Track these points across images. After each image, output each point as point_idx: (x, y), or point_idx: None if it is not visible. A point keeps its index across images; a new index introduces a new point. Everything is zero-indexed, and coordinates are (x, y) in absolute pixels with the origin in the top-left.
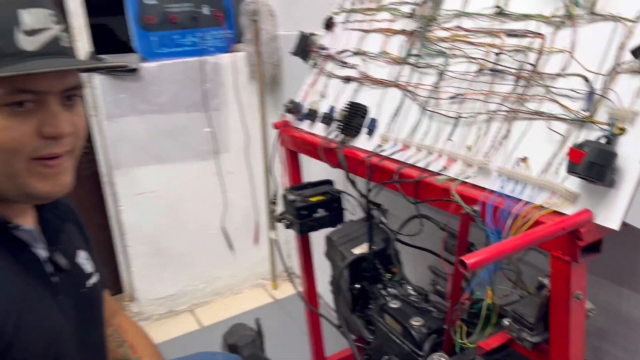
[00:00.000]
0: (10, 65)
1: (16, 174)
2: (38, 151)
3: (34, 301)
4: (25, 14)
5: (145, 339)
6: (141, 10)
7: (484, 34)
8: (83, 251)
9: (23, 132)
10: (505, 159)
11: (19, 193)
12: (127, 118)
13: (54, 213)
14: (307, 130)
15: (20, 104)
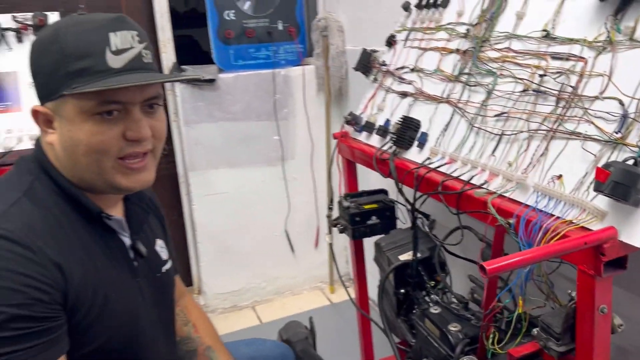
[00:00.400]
0: (101, 81)
1: (105, 171)
2: (122, 152)
3: (119, 281)
4: (114, 36)
5: (206, 320)
6: (221, 25)
7: (531, 55)
8: (160, 240)
9: (111, 136)
10: (541, 175)
11: (107, 186)
12: (203, 124)
13: (139, 206)
14: (363, 141)
15: (109, 113)
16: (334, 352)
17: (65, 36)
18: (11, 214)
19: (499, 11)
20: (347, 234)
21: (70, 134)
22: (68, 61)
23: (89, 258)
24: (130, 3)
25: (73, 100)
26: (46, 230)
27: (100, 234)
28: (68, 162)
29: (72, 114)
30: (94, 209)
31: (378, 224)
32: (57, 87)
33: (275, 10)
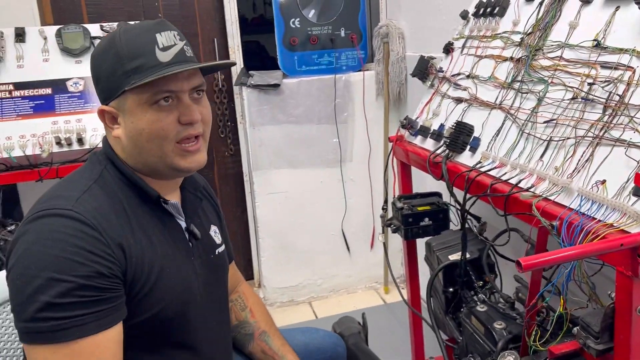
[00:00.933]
0: (157, 72)
1: (166, 154)
2: (179, 135)
3: (175, 257)
4: (159, 36)
5: (261, 306)
6: (287, 33)
7: (582, 64)
8: (215, 226)
9: (168, 122)
10: (586, 180)
11: (168, 169)
12: (267, 126)
13: (194, 194)
14: (418, 144)
15: (165, 100)
16: (385, 349)
17: (120, 42)
18: (84, 199)
19: (553, 21)
20: (399, 234)
21: (133, 125)
22: (124, 62)
23: (147, 236)
24: (204, 12)
25: (132, 95)
26: (112, 213)
27: (159, 216)
28: (133, 151)
29: (133, 106)
30: (153, 193)
31: (430, 226)
32: (118, 85)
33: (339, 18)
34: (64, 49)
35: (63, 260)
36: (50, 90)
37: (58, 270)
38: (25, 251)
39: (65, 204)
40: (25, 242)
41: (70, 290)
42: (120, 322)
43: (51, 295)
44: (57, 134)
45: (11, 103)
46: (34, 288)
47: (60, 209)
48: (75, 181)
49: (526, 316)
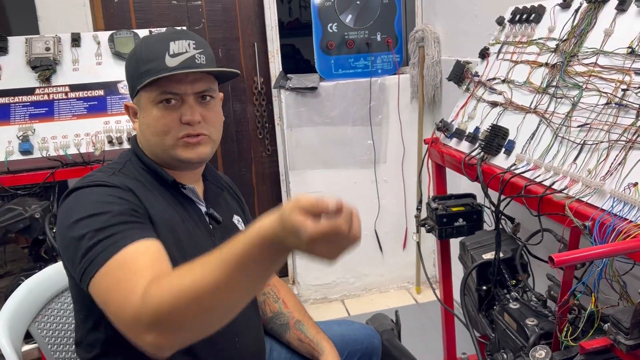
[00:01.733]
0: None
1: (169, 147)
2: (180, 133)
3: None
4: (173, 44)
5: (293, 297)
6: (324, 37)
7: (616, 71)
8: (237, 216)
9: (170, 119)
10: (618, 183)
11: (171, 159)
12: (303, 128)
13: (216, 184)
14: (453, 147)
15: (168, 102)
16: (418, 346)
17: (140, 48)
18: (110, 178)
19: (588, 28)
20: (434, 233)
21: (143, 119)
22: (140, 65)
23: (168, 214)
24: (245, 17)
25: (144, 93)
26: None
27: (179, 200)
28: (144, 142)
29: (145, 103)
30: (168, 177)
31: (464, 226)
32: (136, 85)
33: (375, 23)
34: (116, 53)
35: (98, 203)
36: (102, 92)
37: (96, 208)
38: (66, 211)
39: (99, 176)
40: (64, 207)
41: (110, 217)
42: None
43: (96, 223)
44: (108, 133)
45: (67, 104)
46: (80, 227)
47: (97, 181)
48: (103, 170)
49: (558, 312)
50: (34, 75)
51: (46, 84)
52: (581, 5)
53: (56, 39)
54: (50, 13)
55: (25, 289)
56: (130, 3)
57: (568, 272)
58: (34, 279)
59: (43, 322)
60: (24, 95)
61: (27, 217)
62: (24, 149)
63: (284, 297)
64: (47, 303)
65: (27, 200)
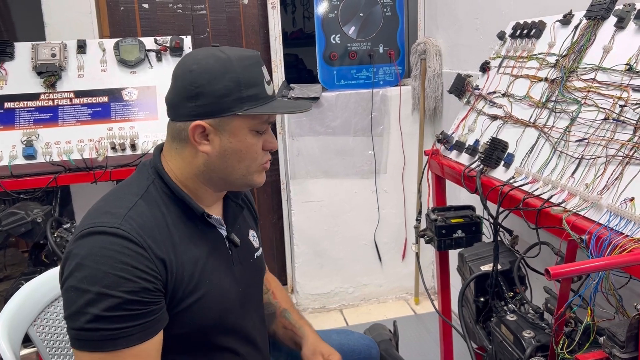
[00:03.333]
0: (267, 105)
1: (250, 173)
2: (263, 159)
3: (215, 268)
4: (263, 69)
5: (281, 289)
6: (327, 48)
7: (614, 87)
8: (253, 230)
9: (259, 147)
10: (615, 197)
11: (244, 185)
12: (305, 137)
13: (236, 202)
14: (453, 159)
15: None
16: (415, 358)
17: (236, 68)
18: (130, 216)
19: (587, 44)
20: (432, 244)
21: (231, 145)
22: (241, 88)
23: (188, 251)
24: (249, 27)
25: (241, 118)
26: (155, 229)
27: (201, 228)
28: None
29: (237, 129)
30: (198, 209)
31: (463, 238)
32: (228, 107)
33: (378, 35)
34: (121, 60)
35: (111, 276)
36: (107, 98)
37: (107, 286)
38: (78, 265)
39: (113, 222)
40: (78, 256)
41: (118, 305)
42: (161, 331)
43: (100, 308)
44: (112, 139)
45: (71, 109)
46: (85, 301)
47: (109, 227)
48: (122, 197)
49: (554, 325)
50: (40, 80)
51: (51, 90)
52: (581, 21)
53: (62, 46)
54: (56, 20)
55: (24, 293)
56: (135, 11)
57: (565, 285)
58: (33, 283)
59: (42, 325)
60: (29, 101)
61: (29, 222)
62: (27, 153)
63: (273, 289)
64: (46, 307)
65: (30, 205)
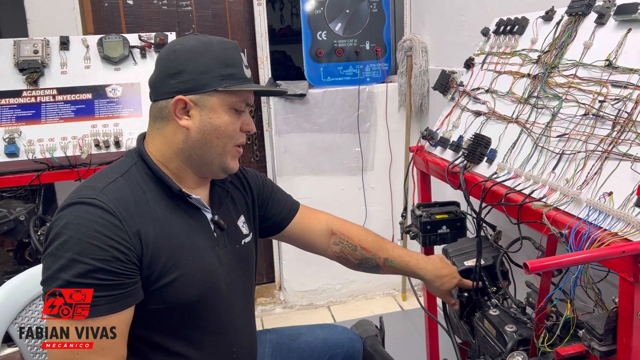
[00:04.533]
0: (245, 84)
1: (226, 153)
2: (239, 140)
3: (198, 246)
4: (242, 55)
5: (367, 235)
6: (314, 45)
7: (594, 82)
8: (244, 216)
9: (237, 126)
10: (594, 192)
11: (219, 168)
12: (292, 134)
13: (221, 187)
14: (438, 155)
15: (238, 110)
16: (401, 352)
17: (216, 48)
18: (108, 189)
19: (569, 40)
20: (418, 240)
21: (210, 120)
22: (221, 66)
23: (169, 227)
24: (235, 24)
25: (220, 95)
26: (132, 202)
27: (184, 209)
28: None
29: (217, 104)
30: (174, 186)
31: (448, 233)
32: (208, 83)
33: (364, 31)
34: (105, 57)
35: (84, 244)
36: (90, 95)
37: (79, 252)
38: (56, 235)
39: (91, 193)
40: (57, 226)
41: (87, 272)
42: (132, 307)
43: (71, 274)
44: (96, 136)
45: (54, 107)
46: (58, 266)
47: (87, 198)
48: (105, 174)
49: (535, 318)
50: (22, 77)
51: (33, 87)
52: (562, 18)
53: (45, 42)
54: (39, 16)
55: (4, 291)
56: (120, 7)
57: (545, 279)
58: (14, 281)
59: (23, 324)
60: (11, 98)
61: (12, 220)
62: (9, 151)
63: (358, 242)
64: (27, 305)
65: (13, 203)
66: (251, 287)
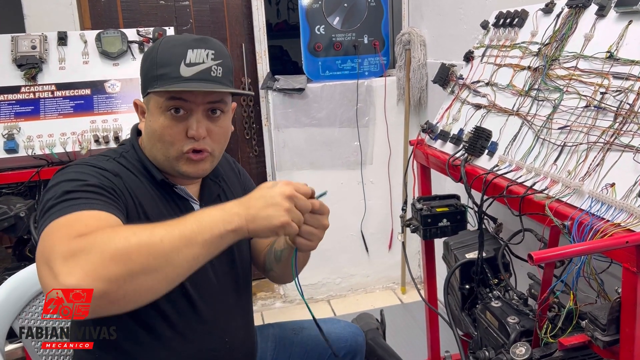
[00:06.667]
0: (171, 85)
1: (171, 158)
2: (183, 146)
3: None
4: (190, 52)
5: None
6: (312, 39)
7: (595, 74)
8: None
9: (176, 131)
10: (596, 183)
11: (172, 170)
12: (291, 129)
13: (214, 181)
14: (438, 148)
15: (176, 111)
16: (402, 345)
17: (158, 49)
18: (99, 164)
19: (569, 33)
20: (418, 233)
21: (150, 123)
22: (155, 68)
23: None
24: (233, 19)
25: (154, 97)
26: (125, 177)
27: (172, 198)
28: (148, 144)
29: (153, 108)
30: (157, 175)
31: (448, 226)
32: (147, 86)
33: (362, 25)
34: (103, 52)
35: (79, 173)
36: (89, 91)
37: (74, 176)
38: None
39: (86, 160)
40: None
41: (84, 185)
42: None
43: (69, 186)
44: (95, 132)
45: (53, 102)
46: (53, 190)
47: (83, 161)
48: (97, 156)
49: (538, 310)
50: (20, 73)
51: (32, 83)
52: (563, 10)
53: (42, 38)
54: (36, 11)
55: (8, 287)
56: (117, 2)
57: (548, 271)
58: (17, 277)
59: (27, 319)
60: (9, 94)
61: (12, 216)
62: (9, 147)
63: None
64: (31, 300)
65: (12, 199)
66: (247, 279)
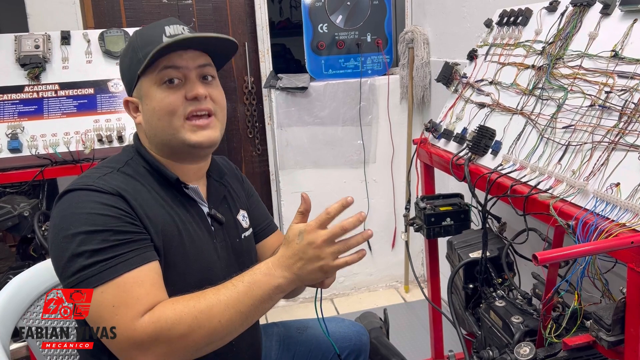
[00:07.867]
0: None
1: (177, 129)
2: (186, 110)
3: (196, 235)
4: (168, 27)
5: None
6: (315, 37)
7: (600, 73)
8: (244, 210)
9: (175, 98)
10: (601, 183)
11: (180, 144)
12: (294, 128)
13: (219, 181)
14: (441, 147)
15: (171, 81)
16: (405, 344)
17: (135, 38)
18: (105, 179)
19: (574, 31)
20: (422, 232)
21: (148, 106)
22: (137, 52)
23: (167, 214)
24: (235, 17)
25: (145, 78)
26: (130, 191)
27: (181, 201)
28: (151, 133)
29: (147, 89)
30: (172, 176)
31: (452, 225)
32: (134, 73)
33: (365, 24)
34: (106, 52)
35: (94, 215)
36: (92, 90)
37: (93, 224)
38: (60, 220)
39: (87, 181)
40: (59, 210)
41: (108, 237)
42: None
43: (94, 243)
44: (98, 131)
45: (57, 102)
46: (77, 243)
47: (84, 185)
48: (101, 167)
49: (542, 309)
50: (23, 73)
51: (35, 82)
52: (567, 9)
53: (46, 37)
54: (39, 11)
55: (13, 286)
56: (120, 2)
57: (552, 270)
58: (22, 276)
59: (32, 319)
60: (13, 93)
61: (16, 215)
62: (12, 146)
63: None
64: (35, 300)
65: (16, 198)
66: None
